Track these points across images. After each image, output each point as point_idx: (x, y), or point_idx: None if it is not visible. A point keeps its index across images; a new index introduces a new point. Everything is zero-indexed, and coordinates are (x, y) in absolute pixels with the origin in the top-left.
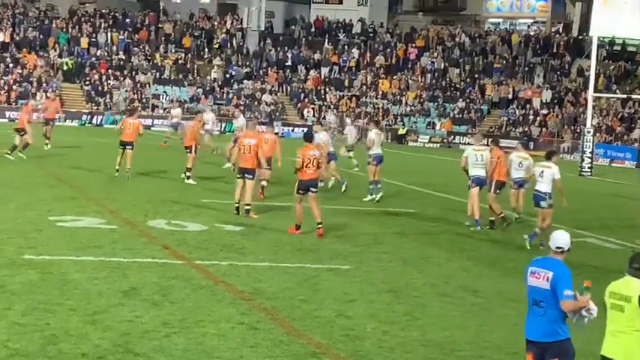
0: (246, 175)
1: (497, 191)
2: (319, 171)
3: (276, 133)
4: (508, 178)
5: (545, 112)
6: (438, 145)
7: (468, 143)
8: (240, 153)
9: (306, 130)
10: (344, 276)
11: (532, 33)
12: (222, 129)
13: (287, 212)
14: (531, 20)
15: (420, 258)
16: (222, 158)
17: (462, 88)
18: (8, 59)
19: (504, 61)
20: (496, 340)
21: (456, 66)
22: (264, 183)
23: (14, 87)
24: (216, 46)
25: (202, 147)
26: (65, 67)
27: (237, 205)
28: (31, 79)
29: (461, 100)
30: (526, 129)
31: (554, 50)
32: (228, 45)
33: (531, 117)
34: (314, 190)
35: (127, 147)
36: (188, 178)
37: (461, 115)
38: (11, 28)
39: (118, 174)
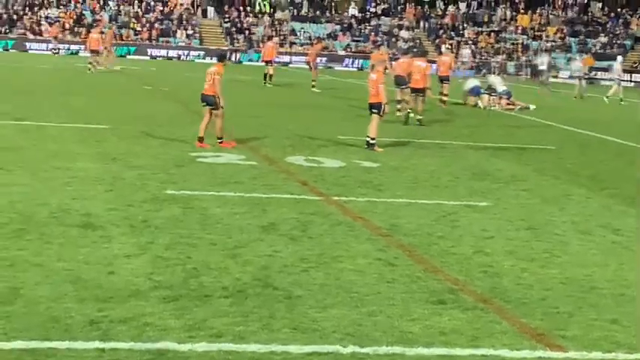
0: (372, 110)
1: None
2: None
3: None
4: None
5: None
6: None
7: (610, 79)
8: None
9: None
10: (482, 213)
11: None
12: (361, 66)
13: (425, 150)
14: None
15: (560, 195)
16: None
17: (604, 22)
18: None
19: None
20: (637, 278)
21: (598, 0)
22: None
23: (156, 25)
24: None
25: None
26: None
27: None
28: (171, 17)
29: (603, 35)
30: None
31: None
32: None
33: None
34: (208, 105)
35: (419, 94)
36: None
37: (603, 51)
38: None
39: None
